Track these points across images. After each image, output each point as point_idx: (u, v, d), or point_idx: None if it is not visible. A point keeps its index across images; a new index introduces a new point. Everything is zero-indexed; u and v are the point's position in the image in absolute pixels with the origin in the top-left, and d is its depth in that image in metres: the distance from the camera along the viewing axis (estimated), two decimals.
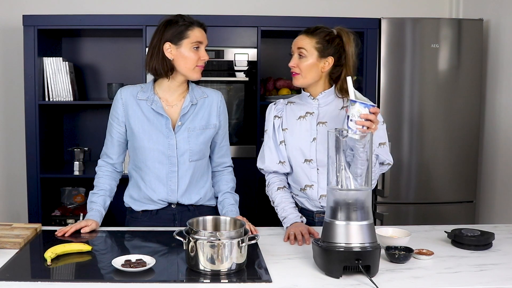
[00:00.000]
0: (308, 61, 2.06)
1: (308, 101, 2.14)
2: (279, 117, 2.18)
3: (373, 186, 2.14)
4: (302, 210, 2.18)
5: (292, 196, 2.20)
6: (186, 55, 2.00)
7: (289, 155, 2.15)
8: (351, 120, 1.79)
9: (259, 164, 2.20)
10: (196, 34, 2.00)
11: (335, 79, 2.12)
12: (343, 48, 2.08)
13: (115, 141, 2.11)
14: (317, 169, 2.10)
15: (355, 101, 1.78)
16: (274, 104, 2.22)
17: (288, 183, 2.21)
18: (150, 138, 2.03)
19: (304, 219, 2.08)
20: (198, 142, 2.06)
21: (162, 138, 2.03)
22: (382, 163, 2.11)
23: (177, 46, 1.99)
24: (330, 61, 2.07)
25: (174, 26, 2.00)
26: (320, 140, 2.09)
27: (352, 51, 2.09)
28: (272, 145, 2.16)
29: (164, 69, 2.01)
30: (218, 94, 2.14)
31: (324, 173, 2.09)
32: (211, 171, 2.20)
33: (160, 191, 2.07)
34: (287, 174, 2.21)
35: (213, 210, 2.17)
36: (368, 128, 1.78)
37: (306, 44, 2.06)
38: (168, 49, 2.00)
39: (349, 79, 1.85)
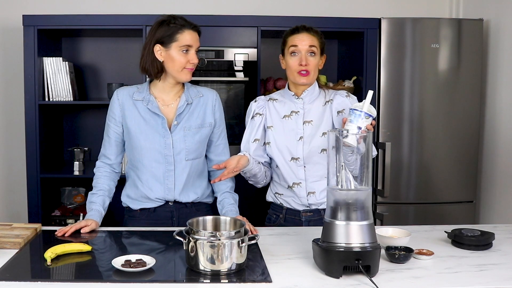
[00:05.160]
0: (316, 59, 2.10)
1: (293, 100, 2.16)
2: (260, 115, 2.20)
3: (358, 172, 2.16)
4: (289, 210, 2.19)
5: (277, 196, 2.22)
6: (175, 57, 2.00)
7: (275, 154, 2.17)
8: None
9: None
10: (185, 37, 2.00)
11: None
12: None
13: (112, 141, 2.11)
14: (304, 166, 2.12)
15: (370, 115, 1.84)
16: (255, 101, 2.24)
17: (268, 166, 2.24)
18: (146, 137, 2.05)
19: (249, 155, 2.10)
20: (194, 141, 2.07)
21: (159, 138, 2.04)
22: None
23: (166, 48, 2.00)
24: (323, 59, 2.15)
25: (165, 28, 2.00)
26: (307, 139, 2.12)
27: None
28: (247, 137, 2.20)
29: (154, 70, 2.03)
30: (213, 93, 2.15)
31: (311, 170, 2.12)
32: (207, 170, 2.20)
33: (157, 189, 2.08)
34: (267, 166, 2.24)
35: (210, 207, 2.20)
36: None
37: (315, 41, 2.10)
38: (159, 50, 2.01)
39: (370, 93, 1.86)
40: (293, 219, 2.19)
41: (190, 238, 1.56)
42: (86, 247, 1.73)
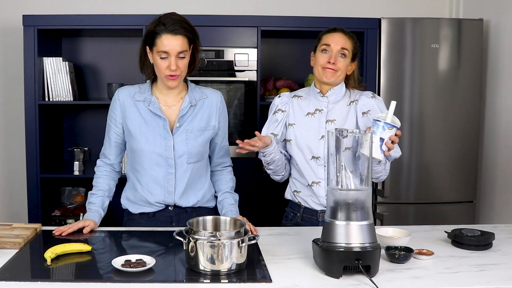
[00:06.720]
0: (346, 62, 2.12)
1: (318, 98, 2.16)
2: (282, 111, 2.20)
3: (384, 178, 2.16)
4: (306, 209, 2.18)
5: (295, 194, 2.21)
6: (156, 63, 1.96)
7: (295, 152, 2.16)
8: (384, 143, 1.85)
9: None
10: (163, 43, 1.91)
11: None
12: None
13: (112, 142, 2.09)
14: (324, 166, 2.10)
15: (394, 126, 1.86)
16: (279, 96, 2.24)
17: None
18: (147, 139, 2.01)
19: (273, 137, 2.11)
20: (196, 144, 2.04)
21: (160, 140, 2.01)
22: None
23: (151, 52, 1.97)
24: (353, 65, 2.16)
25: (151, 29, 1.94)
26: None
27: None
28: (265, 130, 2.20)
29: (147, 71, 2.02)
30: (217, 95, 2.10)
31: None
32: (209, 172, 2.18)
33: (157, 193, 2.05)
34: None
35: (212, 212, 2.15)
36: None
37: (349, 45, 2.12)
38: (149, 52, 1.98)
39: (393, 103, 1.86)
40: (310, 218, 2.18)
41: (190, 238, 1.56)
42: (86, 247, 1.73)
